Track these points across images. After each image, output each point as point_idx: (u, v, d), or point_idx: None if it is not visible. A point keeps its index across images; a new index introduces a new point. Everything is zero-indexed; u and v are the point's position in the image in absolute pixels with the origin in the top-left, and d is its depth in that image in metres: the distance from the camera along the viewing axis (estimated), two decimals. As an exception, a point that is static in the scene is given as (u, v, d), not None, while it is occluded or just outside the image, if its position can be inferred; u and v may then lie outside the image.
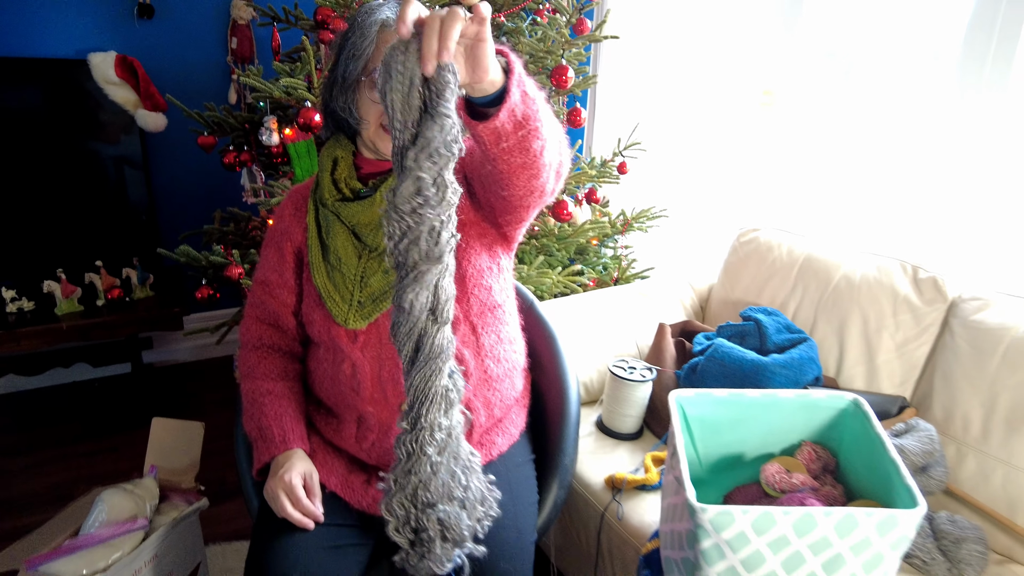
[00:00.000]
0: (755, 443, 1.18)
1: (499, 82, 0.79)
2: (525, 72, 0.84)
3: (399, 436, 0.82)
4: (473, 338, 1.13)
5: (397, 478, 0.83)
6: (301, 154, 1.76)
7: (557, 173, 0.99)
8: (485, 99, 0.80)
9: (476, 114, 0.83)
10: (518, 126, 0.84)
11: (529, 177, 0.94)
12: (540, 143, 0.88)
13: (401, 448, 0.82)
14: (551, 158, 0.93)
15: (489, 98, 0.80)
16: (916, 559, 1.16)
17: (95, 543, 1.15)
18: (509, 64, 0.80)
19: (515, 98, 0.80)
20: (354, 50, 1.07)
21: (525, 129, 0.85)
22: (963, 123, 1.56)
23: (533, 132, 0.86)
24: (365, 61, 1.06)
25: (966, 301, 1.38)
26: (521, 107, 0.82)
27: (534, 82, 0.86)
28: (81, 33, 2.36)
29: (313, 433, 1.17)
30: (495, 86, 0.78)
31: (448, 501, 0.84)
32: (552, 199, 1.06)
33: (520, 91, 0.81)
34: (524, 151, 0.88)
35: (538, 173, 0.94)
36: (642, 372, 1.49)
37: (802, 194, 2.03)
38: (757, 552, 0.90)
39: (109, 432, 2.32)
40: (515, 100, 0.80)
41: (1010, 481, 1.19)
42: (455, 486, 0.85)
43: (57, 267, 2.24)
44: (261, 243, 1.45)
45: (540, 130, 0.87)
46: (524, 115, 0.83)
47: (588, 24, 1.90)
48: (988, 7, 1.49)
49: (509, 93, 0.79)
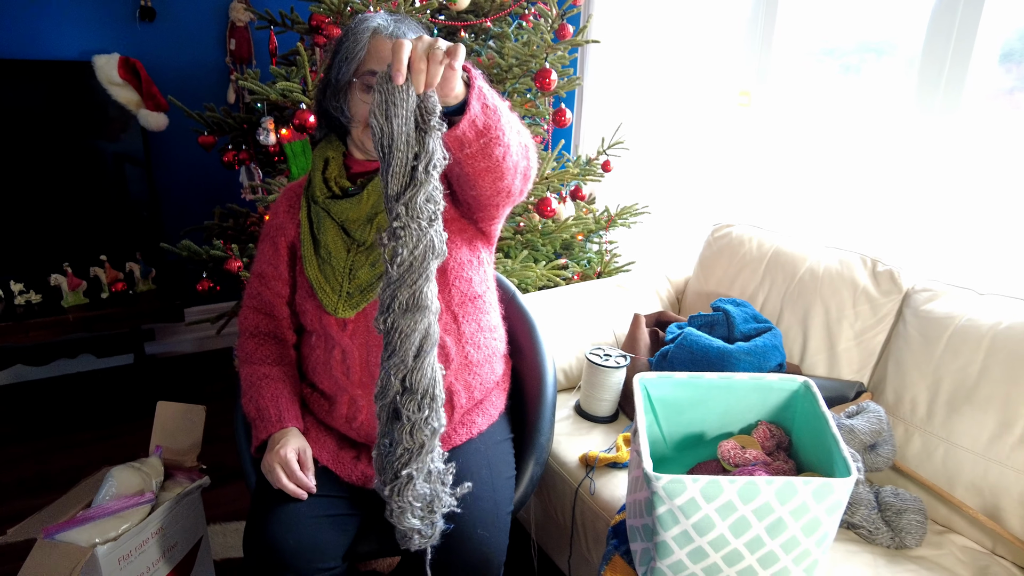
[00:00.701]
0: (715, 423, 1.28)
1: (461, 95, 0.89)
2: (487, 85, 0.94)
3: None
4: (454, 326, 1.23)
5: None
6: (297, 153, 1.85)
7: (524, 176, 1.08)
8: (449, 109, 0.90)
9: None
10: (479, 134, 0.93)
11: (494, 179, 1.04)
12: (501, 149, 0.98)
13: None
14: (513, 163, 1.03)
15: (451, 108, 0.90)
16: (863, 529, 1.26)
17: (106, 514, 1.25)
18: (470, 78, 0.90)
19: (475, 109, 0.90)
20: (347, 54, 1.16)
21: (486, 137, 0.95)
22: (921, 127, 1.66)
23: (494, 140, 0.96)
24: (357, 64, 1.15)
25: (918, 292, 1.48)
26: (482, 117, 0.92)
27: (495, 93, 0.96)
28: (85, 36, 2.45)
29: (307, 413, 1.27)
30: (458, 98, 0.88)
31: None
32: (521, 199, 1.16)
33: (480, 103, 0.91)
34: (486, 156, 0.98)
35: (502, 176, 1.03)
36: (617, 359, 1.58)
37: (774, 191, 2.12)
38: (707, 517, 1.00)
39: (113, 421, 2.42)
40: (475, 111, 0.90)
41: (950, 457, 1.29)
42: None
43: (63, 261, 2.33)
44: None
45: (501, 138, 0.96)
46: (485, 125, 0.93)
47: (570, 29, 1.99)
48: (947, 8, 1.57)
49: (470, 105, 0.89)
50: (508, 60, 1.94)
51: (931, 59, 1.61)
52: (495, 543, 1.12)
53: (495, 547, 1.12)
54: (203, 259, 1.97)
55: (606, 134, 2.40)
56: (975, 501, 1.25)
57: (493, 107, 0.94)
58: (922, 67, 1.63)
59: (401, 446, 0.92)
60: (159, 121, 2.41)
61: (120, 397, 2.57)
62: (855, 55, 1.88)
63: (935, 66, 1.61)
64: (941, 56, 1.59)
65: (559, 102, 2.31)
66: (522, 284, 1.97)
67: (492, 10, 2.05)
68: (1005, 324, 1.29)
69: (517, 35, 2.12)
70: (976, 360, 1.30)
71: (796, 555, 1.01)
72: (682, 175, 2.50)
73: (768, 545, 1.00)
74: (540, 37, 1.92)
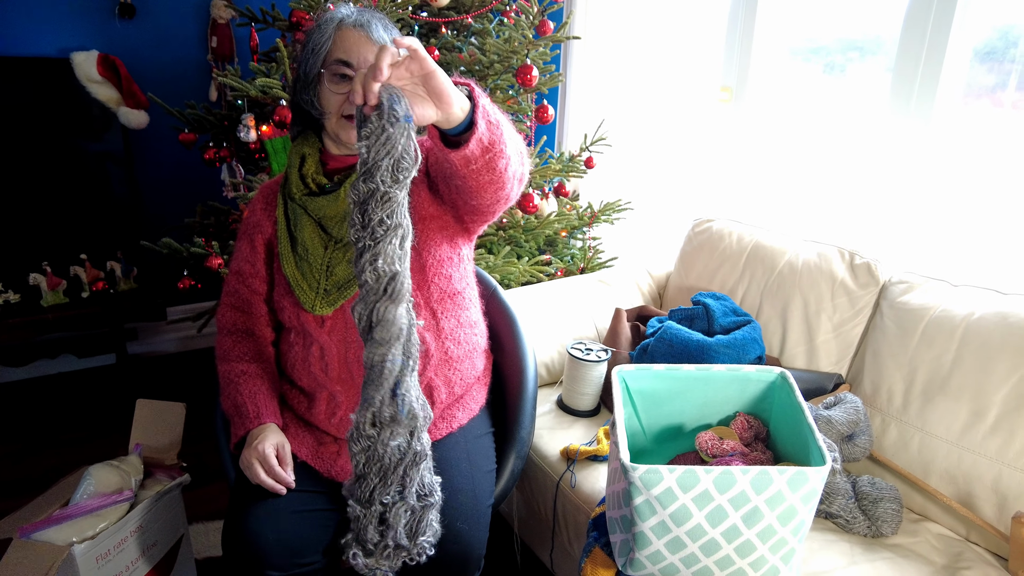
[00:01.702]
0: (693, 415, 1.29)
1: (466, 110, 0.90)
2: (489, 100, 0.96)
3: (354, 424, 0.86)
4: (434, 322, 1.23)
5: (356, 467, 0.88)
6: (278, 150, 1.85)
7: (520, 181, 1.11)
8: (455, 129, 0.91)
9: (448, 143, 0.96)
10: (485, 151, 0.96)
11: (496, 190, 1.06)
12: (504, 161, 1.01)
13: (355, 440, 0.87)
14: (513, 171, 1.06)
15: (459, 128, 0.91)
16: (840, 519, 1.27)
17: (84, 513, 1.24)
18: (473, 95, 0.91)
19: (482, 128, 0.92)
20: (314, 46, 1.16)
21: (491, 152, 0.97)
22: (897, 123, 1.67)
23: (498, 154, 0.98)
24: (324, 55, 1.15)
25: (895, 284, 1.49)
26: (487, 134, 0.94)
27: (497, 108, 0.99)
28: (63, 32, 2.43)
29: (286, 409, 1.26)
30: (463, 113, 0.89)
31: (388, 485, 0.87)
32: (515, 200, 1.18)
33: (486, 121, 0.93)
34: (491, 170, 1.01)
35: (503, 186, 1.06)
36: (598, 353, 1.59)
37: (754, 186, 2.14)
38: (684, 507, 1.00)
39: (96, 421, 2.39)
40: (482, 130, 0.92)
41: (925, 446, 1.31)
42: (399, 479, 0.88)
43: (43, 260, 2.31)
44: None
45: (504, 151, 0.99)
46: (490, 141, 0.95)
47: (551, 26, 2.00)
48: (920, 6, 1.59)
49: (476, 124, 0.91)
50: (490, 56, 1.94)
51: (906, 57, 1.63)
52: (475, 536, 1.13)
53: (475, 540, 1.13)
54: (184, 257, 1.96)
55: (589, 130, 2.40)
56: (949, 489, 1.27)
57: (496, 122, 0.95)
58: (898, 65, 1.65)
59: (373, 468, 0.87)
60: (140, 119, 2.39)
61: (102, 397, 2.55)
62: (839, 54, 1.89)
63: (911, 64, 1.62)
64: (916, 54, 1.61)
65: (541, 99, 2.32)
66: (505, 280, 1.98)
67: (473, 6, 2.05)
68: (977, 315, 1.31)
69: (498, 31, 2.12)
70: (950, 350, 1.31)
71: (772, 544, 1.02)
72: (664, 171, 2.52)
73: (744, 534, 1.01)
74: (521, 33, 1.92)
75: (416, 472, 0.87)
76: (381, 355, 0.82)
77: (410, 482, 0.87)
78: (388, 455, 0.85)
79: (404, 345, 0.83)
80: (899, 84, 1.65)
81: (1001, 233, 1.56)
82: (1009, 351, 1.24)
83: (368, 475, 0.85)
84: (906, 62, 1.63)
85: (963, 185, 1.61)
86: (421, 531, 0.89)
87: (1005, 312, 1.28)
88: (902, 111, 1.65)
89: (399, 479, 0.86)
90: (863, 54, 1.83)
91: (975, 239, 1.60)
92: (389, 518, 0.87)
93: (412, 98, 0.83)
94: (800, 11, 1.95)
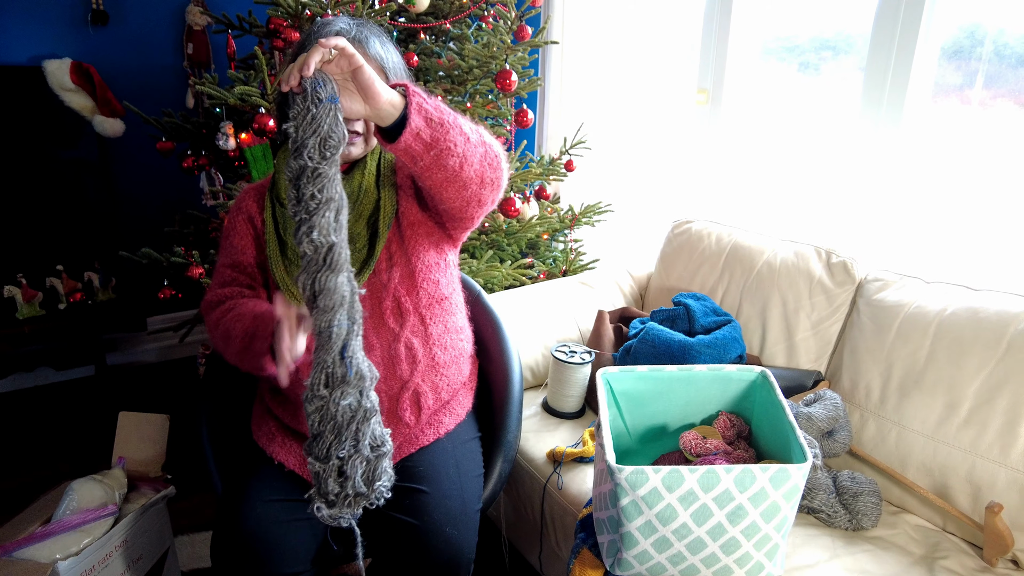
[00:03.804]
0: (677, 415, 1.31)
1: (398, 106, 0.94)
2: (432, 100, 0.98)
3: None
4: (422, 328, 1.23)
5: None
6: (257, 157, 1.84)
7: (492, 185, 1.11)
8: (391, 126, 0.96)
9: (387, 137, 0.98)
10: (427, 147, 0.98)
11: (456, 189, 1.07)
12: (456, 160, 1.02)
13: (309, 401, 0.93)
14: (475, 172, 1.06)
15: (394, 124, 0.95)
16: (822, 513, 1.30)
17: (67, 529, 1.23)
18: (408, 93, 0.95)
19: (416, 123, 0.95)
20: None
21: (436, 149, 0.99)
22: (869, 123, 1.71)
23: (445, 151, 1.00)
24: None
25: (870, 282, 1.52)
26: (427, 131, 0.97)
27: (447, 108, 1.00)
28: (35, 40, 2.39)
29: (271, 418, 1.26)
30: (395, 109, 0.94)
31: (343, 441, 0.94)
32: (493, 207, 1.19)
33: (422, 117, 0.96)
34: (441, 168, 1.02)
35: (464, 186, 1.07)
36: (582, 355, 1.60)
37: (732, 187, 2.17)
38: (669, 507, 1.02)
39: (75, 434, 2.36)
40: (417, 124, 0.96)
41: (902, 440, 1.34)
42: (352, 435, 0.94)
43: (17, 272, 2.27)
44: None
45: (453, 149, 1.00)
46: (432, 137, 0.98)
47: (529, 31, 2.01)
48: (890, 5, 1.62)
49: (409, 118, 0.94)
50: (469, 62, 1.95)
51: (877, 56, 1.66)
52: (464, 541, 1.13)
53: (464, 545, 1.13)
54: (164, 266, 1.94)
55: (568, 134, 2.42)
56: (926, 481, 1.30)
57: (439, 120, 0.98)
58: (869, 64, 1.69)
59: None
60: (115, 127, 2.36)
61: (82, 410, 2.51)
62: (813, 53, 1.93)
63: (882, 63, 1.66)
64: (887, 53, 1.64)
65: (521, 103, 2.33)
66: (488, 284, 1.99)
67: (451, 12, 2.06)
68: (950, 311, 1.34)
69: (477, 36, 2.13)
70: (924, 346, 1.35)
71: (757, 540, 1.04)
72: (643, 173, 2.54)
73: (729, 532, 1.03)
74: (499, 38, 1.93)
75: (367, 427, 0.94)
76: (327, 321, 0.89)
77: (363, 436, 0.94)
78: (340, 413, 0.92)
79: (348, 311, 0.90)
80: (871, 83, 1.68)
81: (971, 230, 1.60)
82: (980, 346, 1.27)
83: (324, 433, 0.93)
84: (877, 61, 1.66)
85: (934, 183, 1.65)
86: (377, 478, 0.97)
87: (976, 307, 1.31)
88: (874, 110, 1.69)
89: (352, 434, 0.93)
90: (836, 53, 1.87)
91: (947, 236, 1.65)
92: (347, 470, 0.94)
93: (343, 92, 0.91)
94: (774, 11, 1.99)
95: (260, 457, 1.21)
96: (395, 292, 1.21)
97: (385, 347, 1.20)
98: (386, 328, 1.20)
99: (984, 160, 1.57)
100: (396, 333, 1.20)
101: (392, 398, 1.21)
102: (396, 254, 1.21)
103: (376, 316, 1.20)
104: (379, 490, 0.97)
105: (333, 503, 0.95)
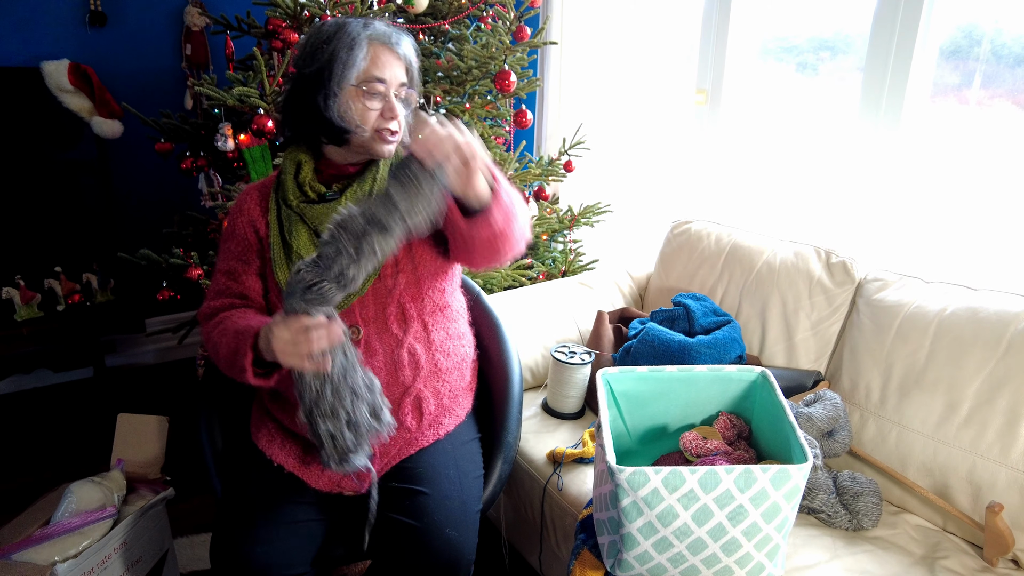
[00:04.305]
0: (677, 415, 1.30)
1: (485, 197, 1.04)
2: (510, 192, 1.07)
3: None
4: (424, 334, 1.23)
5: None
6: (256, 158, 1.83)
7: (515, 253, 1.18)
8: (472, 207, 1.05)
9: (466, 213, 1.07)
10: (494, 236, 1.08)
11: (489, 259, 1.16)
12: (508, 245, 1.12)
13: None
14: (510, 247, 1.15)
15: (475, 207, 1.05)
16: (823, 514, 1.29)
17: (65, 531, 1.22)
18: (496, 186, 1.05)
19: (496, 220, 1.06)
20: (344, 58, 1.11)
21: (500, 239, 1.10)
22: (869, 123, 1.71)
23: (500, 236, 1.09)
24: (358, 71, 1.13)
25: (870, 282, 1.52)
26: (500, 225, 1.08)
27: (515, 193, 1.10)
28: (33, 41, 2.39)
29: (270, 420, 1.26)
30: (481, 200, 1.03)
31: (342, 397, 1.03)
32: None
33: (502, 214, 1.06)
34: (493, 250, 1.13)
35: (496, 256, 1.15)
36: (581, 356, 1.60)
37: (732, 187, 2.17)
38: (670, 507, 1.02)
39: (74, 436, 2.35)
40: (496, 220, 1.06)
41: (902, 440, 1.34)
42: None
43: (16, 274, 2.26)
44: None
45: (512, 237, 1.12)
46: (501, 231, 1.09)
47: (528, 31, 2.01)
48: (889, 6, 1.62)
49: (493, 216, 1.06)
50: (468, 62, 1.95)
51: (876, 56, 1.66)
52: (464, 543, 1.13)
53: (464, 547, 1.13)
54: (163, 268, 1.93)
55: (567, 135, 2.42)
56: (926, 481, 1.30)
57: (511, 216, 1.08)
58: (868, 64, 1.69)
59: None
60: (114, 128, 2.36)
61: (81, 412, 2.51)
62: (811, 53, 1.93)
63: (880, 63, 1.66)
64: (885, 53, 1.64)
65: (520, 103, 2.33)
66: (487, 284, 1.99)
67: (450, 12, 2.06)
68: (950, 310, 1.34)
69: (476, 37, 2.13)
70: (924, 345, 1.35)
71: (757, 541, 1.04)
72: (642, 173, 2.54)
73: (730, 532, 1.03)
74: (498, 39, 1.93)
75: (355, 374, 1.03)
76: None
77: (356, 384, 1.03)
78: (336, 372, 1.00)
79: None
80: (869, 83, 1.68)
81: (970, 229, 1.60)
82: (980, 345, 1.27)
83: (323, 394, 1.01)
84: (876, 61, 1.66)
85: (933, 182, 1.65)
86: (379, 408, 1.06)
87: (975, 307, 1.31)
88: (873, 110, 1.69)
89: (348, 387, 1.02)
90: (834, 53, 1.87)
91: (946, 236, 1.65)
92: (353, 418, 1.03)
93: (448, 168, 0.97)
94: (773, 11, 1.99)
95: (259, 459, 1.21)
96: (400, 298, 1.20)
97: (388, 352, 1.19)
98: (389, 334, 1.20)
99: (982, 159, 1.57)
100: (399, 339, 1.20)
101: (394, 403, 1.20)
102: (403, 260, 1.21)
103: (380, 321, 1.20)
104: (385, 421, 1.06)
105: (351, 451, 1.04)
